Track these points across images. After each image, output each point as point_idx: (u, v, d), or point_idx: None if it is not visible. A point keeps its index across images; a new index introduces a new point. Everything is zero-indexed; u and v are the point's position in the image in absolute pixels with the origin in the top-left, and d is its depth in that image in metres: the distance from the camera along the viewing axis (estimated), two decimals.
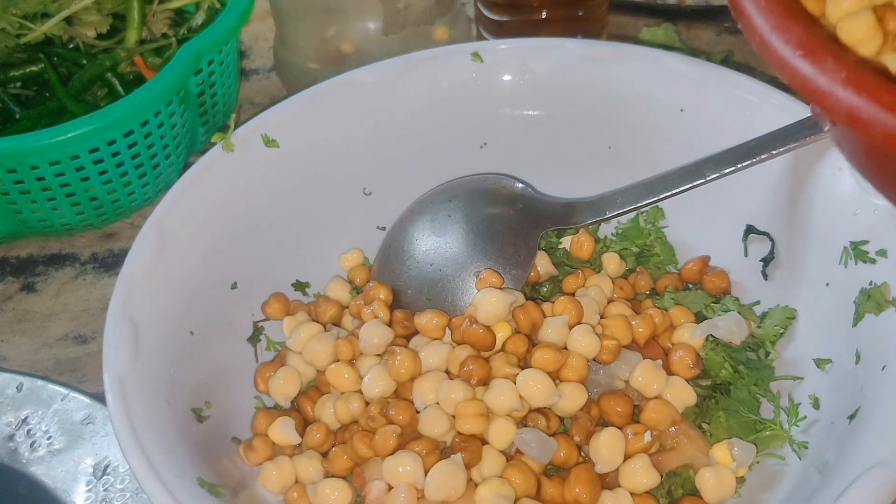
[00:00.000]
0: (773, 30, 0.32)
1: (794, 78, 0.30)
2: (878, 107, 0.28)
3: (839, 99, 0.29)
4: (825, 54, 0.30)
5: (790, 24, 0.31)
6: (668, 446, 0.46)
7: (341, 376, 0.48)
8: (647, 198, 0.52)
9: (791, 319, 0.50)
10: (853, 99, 0.28)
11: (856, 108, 0.28)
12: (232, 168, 0.52)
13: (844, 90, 0.29)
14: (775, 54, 0.31)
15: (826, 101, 0.29)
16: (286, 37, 0.72)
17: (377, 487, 0.44)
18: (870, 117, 0.28)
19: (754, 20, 0.32)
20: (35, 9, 0.67)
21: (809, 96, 0.30)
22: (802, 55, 0.30)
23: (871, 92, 0.28)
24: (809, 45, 0.30)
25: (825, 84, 0.29)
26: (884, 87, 0.28)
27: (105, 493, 0.50)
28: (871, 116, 0.28)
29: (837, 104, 0.29)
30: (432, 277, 0.53)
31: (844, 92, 0.29)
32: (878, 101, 0.28)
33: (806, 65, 0.30)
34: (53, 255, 0.68)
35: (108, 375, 0.42)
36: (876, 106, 0.28)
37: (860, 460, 0.37)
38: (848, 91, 0.28)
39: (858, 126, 0.28)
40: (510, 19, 0.68)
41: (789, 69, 0.31)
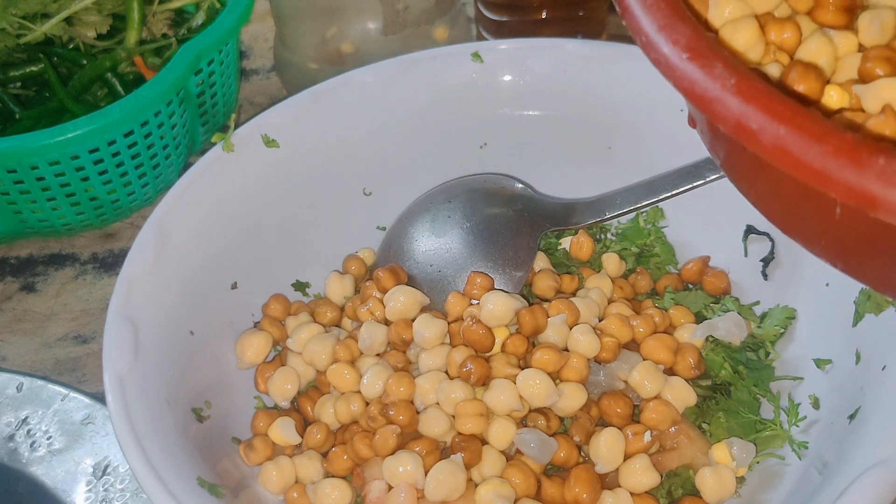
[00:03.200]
0: (659, 30, 0.30)
1: (680, 82, 0.29)
2: (768, 117, 0.26)
3: (728, 107, 0.27)
4: (714, 58, 0.28)
5: (678, 24, 0.30)
6: (668, 446, 0.46)
7: (341, 376, 0.48)
8: (647, 198, 0.52)
9: (791, 319, 0.50)
10: (742, 107, 0.27)
11: (745, 116, 0.26)
12: (232, 168, 0.52)
13: (734, 98, 0.27)
14: (662, 56, 0.30)
15: (714, 108, 0.27)
16: (286, 37, 0.72)
17: (377, 487, 0.45)
18: (759, 127, 0.26)
19: (639, 19, 0.31)
20: (35, 9, 0.67)
21: (696, 102, 0.28)
22: (690, 58, 0.28)
23: (761, 101, 0.26)
24: (698, 47, 0.29)
25: (714, 90, 0.27)
26: (775, 96, 0.26)
27: (105, 493, 0.50)
28: (760, 126, 0.26)
29: (726, 112, 0.27)
30: (432, 278, 0.53)
31: (734, 100, 0.27)
32: (768, 111, 0.26)
33: (694, 69, 0.28)
34: (53, 255, 0.68)
35: (108, 375, 0.42)
36: (766, 116, 0.26)
37: (860, 460, 0.37)
38: (737, 99, 0.27)
39: (746, 136, 0.26)
40: (510, 19, 0.68)
41: (676, 72, 0.29)
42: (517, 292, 0.51)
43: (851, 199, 0.25)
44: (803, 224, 0.32)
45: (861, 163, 0.24)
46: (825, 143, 0.25)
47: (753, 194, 0.35)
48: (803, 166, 0.25)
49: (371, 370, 0.48)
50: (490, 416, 0.45)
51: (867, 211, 0.24)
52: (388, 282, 0.51)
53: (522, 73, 0.56)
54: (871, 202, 0.24)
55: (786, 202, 0.32)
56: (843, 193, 0.25)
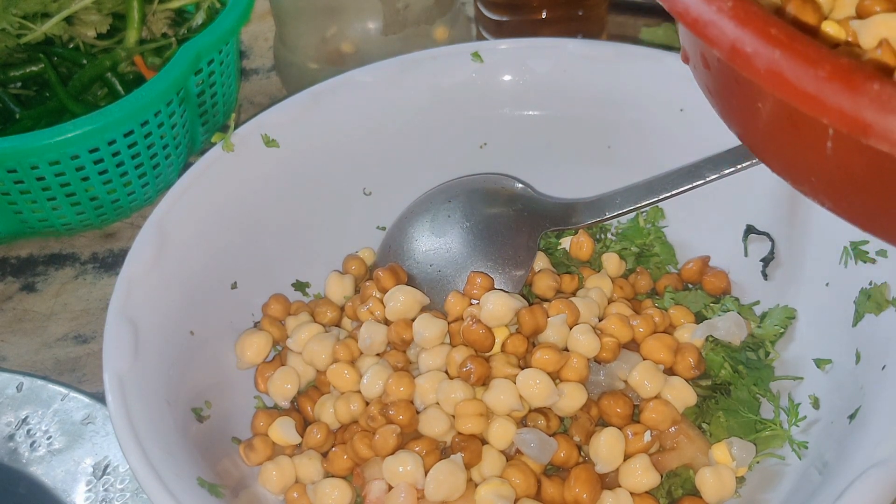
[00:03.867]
0: None
1: (674, 5, 0.28)
2: (763, 41, 0.26)
3: (723, 30, 0.27)
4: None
5: None
6: (668, 446, 0.46)
7: (341, 376, 0.48)
8: (646, 198, 0.52)
9: (791, 319, 0.50)
10: (737, 31, 0.26)
11: (739, 40, 0.26)
12: (232, 168, 0.52)
13: (728, 21, 0.27)
14: None
15: (708, 31, 0.27)
16: (286, 37, 0.72)
17: (377, 487, 0.45)
18: (754, 51, 0.26)
19: None
20: (35, 9, 0.67)
21: (691, 26, 0.28)
22: None
23: (757, 25, 0.26)
24: None
25: (708, 14, 0.27)
26: (770, 20, 0.26)
27: (105, 493, 0.50)
28: (755, 50, 0.26)
29: (721, 36, 0.27)
30: (432, 278, 0.53)
31: (729, 23, 0.26)
32: (763, 35, 0.26)
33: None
34: (53, 255, 0.68)
35: (108, 375, 0.42)
36: (761, 40, 0.26)
37: (860, 460, 0.37)
38: (732, 22, 0.26)
39: (740, 61, 0.26)
40: (510, 19, 0.68)
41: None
42: (517, 292, 0.51)
43: (845, 125, 0.24)
44: (794, 160, 0.32)
45: (855, 88, 0.24)
46: (820, 68, 0.25)
47: (744, 130, 0.35)
48: (797, 91, 0.25)
49: (371, 370, 0.48)
50: (490, 416, 0.45)
51: (860, 137, 0.24)
52: (388, 282, 0.51)
53: (522, 73, 0.56)
54: (865, 128, 0.24)
55: (777, 137, 0.32)
56: (837, 119, 0.24)
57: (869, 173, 0.27)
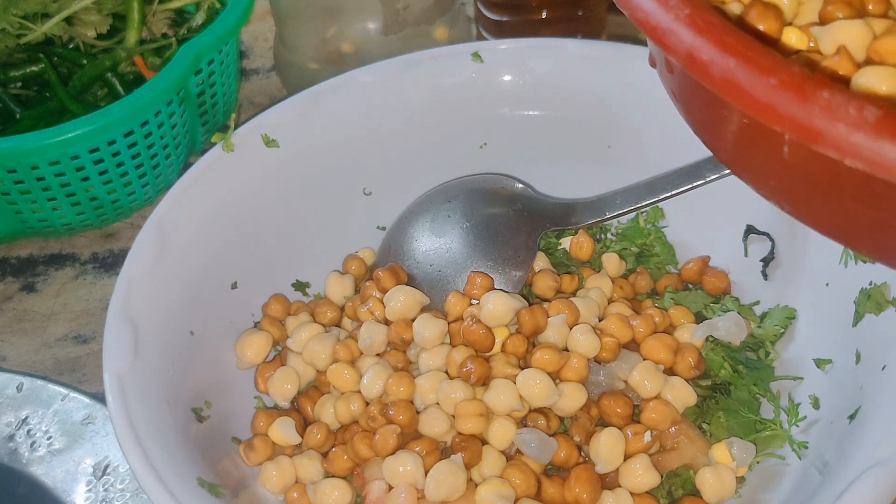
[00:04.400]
0: None
1: (635, 12, 0.29)
2: (718, 49, 0.26)
3: (680, 38, 0.27)
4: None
5: None
6: (668, 446, 0.46)
7: (341, 376, 0.48)
8: (647, 198, 0.52)
9: (791, 319, 0.50)
10: (694, 39, 0.27)
11: (696, 48, 0.27)
12: (232, 168, 0.52)
13: (686, 30, 0.27)
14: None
15: (666, 39, 0.28)
16: (286, 37, 0.72)
17: (377, 487, 0.45)
18: (710, 59, 0.26)
19: None
20: (35, 9, 0.67)
21: (650, 33, 0.28)
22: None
23: (713, 33, 0.27)
24: None
25: (667, 21, 0.28)
26: (727, 29, 0.27)
27: (105, 493, 0.50)
28: (710, 59, 0.26)
29: (678, 44, 0.27)
30: (432, 278, 0.53)
31: (686, 31, 0.27)
32: (719, 44, 0.26)
33: None
34: (53, 255, 0.68)
35: (108, 375, 0.42)
36: (717, 49, 0.26)
37: (860, 460, 0.37)
38: (690, 31, 0.27)
39: (697, 69, 0.27)
40: (510, 19, 0.68)
41: (632, 3, 0.29)
42: (517, 292, 0.51)
43: (796, 132, 0.25)
44: (753, 164, 0.33)
45: (806, 96, 0.25)
46: (772, 76, 0.25)
47: (706, 135, 0.35)
48: (751, 99, 0.26)
49: (371, 370, 0.48)
50: (490, 416, 0.45)
51: (810, 144, 0.25)
52: (388, 282, 0.51)
53: (522, 73, 0.56)
54: (814, 136, 0.24)
55: (737, 141, 0.33)
56: (788, 127, 0.25)
57: (823, 178, 0.27)
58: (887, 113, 0.24)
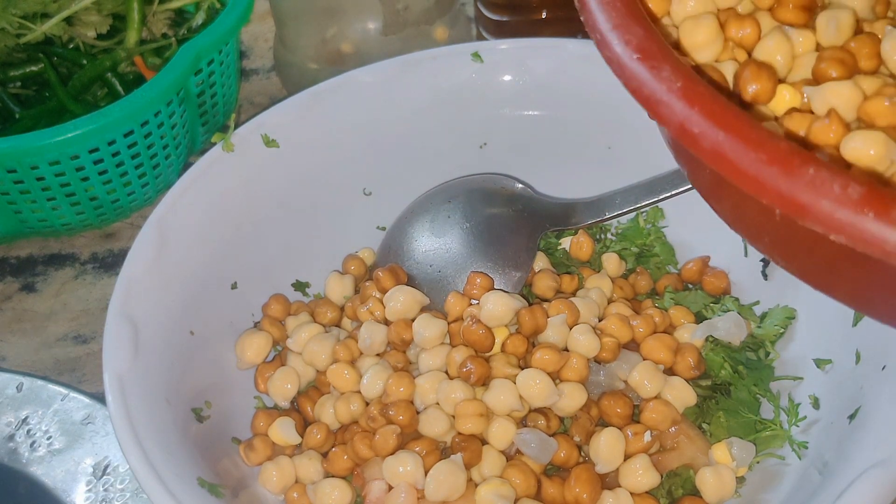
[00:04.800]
0: (613, 29, 0.31)
1: (629, 82, 0.30)
2: (709, 122, 0.27)
3: (672, 109, 0.28)
4: (663, 60, 0.29)
5: (631, 24, 0.31)
6: (668, 446, 0.46)
7: (341, 376, 0.48)
8: (646, 198, 0.52)
9: (791, 319, 0.50)
10: (685, 111, 0.28)
11: (687, 120, 0.27)
12: (232, 168, 0.52)
13: (678, 101, 0.28)
14: (613, 54, 0.31)
15: (659, 109, 0.28)
16: (286, 37, 0.72)
17: (377, 487, 0.45)
18: (700, 131, 0.27)
19: (595, 16, 0.32)
20: (35, 9, 0.67)
21: (643, 102, 0.29)
22: (640, 59, 0.30)
23: (704, 105, 0.27)
24: (649, 48, 0.30)
25: (660, 92, 0.28)
26: (717, 101, 0.27)
27: (105, 493, 0.50)
28: (701, 131, 0.27)
29: (670, 115, 0.28)
30: (432, 278, 0.53)
31: (678, 103, 0.28)
32: (710, 116, 0.27)
33: (643, 69, 0.29)
34: (53, 255, 0.68)
35: (108, 375, 0.42)
36: (707, 121, 0.27)
37: (860, 460, 0.37)
38: (681, 103, 0.28)
39: (688, 139, 0.28)
40: (510, 19, 0.68)
41: (626, 72, 0.30)
42: (517, 292, 0.51)
43: (782, 206, 0.25)
44: (747, 221, 0.33)
45: (792, 172, 0.25)
46: (760, 151, 0.26)
47: (702, 189, 0.36)
48: (738, 172, 0.26)
49: (371, 370, 0.48)
50: (490, 416, 0.45)
51: (797, 218, 0.25)
52: (387, 282, 0.51)
53: (522, 73, 0.56)
54: (800, 210, 0.25)
55: (731, 200, 0.33)
56: (775, 200, 0.26)
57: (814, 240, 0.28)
58: (870, 190, 0.24)
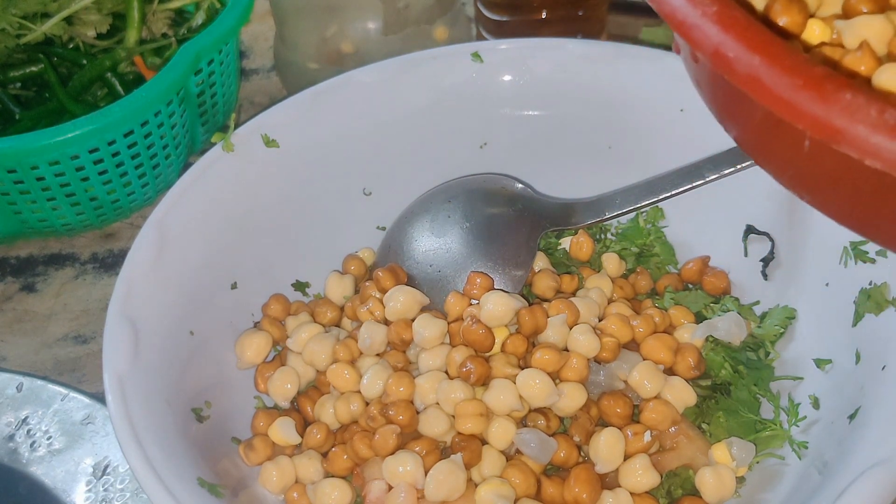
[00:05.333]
0: None
1: (662, 6, 0.29)
2: (744, 47, 0.27)
3: (706, 34, 0.28)
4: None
5: None
6: (668, 446, 0.46)
7: (341, 376, 0.48)
8: (646, 198, 0.52)
9: (791, 319, 0.50)
10: (720, 36, 0.27)
11: (722, 44, 0.27)
12: (232, 168, 0.52)
13: (713, 26, 0.28)
14: None
15: (693, 34, 0.28)
16: (286, 37, 0.72)
17: (377, 487, 0.44)
18: (735, 56, 0.27)
19: None
20: (35, 9, 0.67)
21: (677, 28, 0.29)
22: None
23: (739, 30, 0.27)
24: None
25: (694, 17, 0.28)
26: (753, 26, 0.27)
27: (105, 493, 0.50)
28: (736, 55, 0.27)
29: (704, 40, 0.28)
30: (432, 278, 0.53)
31: (712, 27, 0.28)
32: (744, 41, 0.27)
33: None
34: (53, 255, 0.68)
35: (108, 375, 0.42)
36: (742, 46, 0.27)
37: (860, 460, 0.37)
38: (716, 28, 0.28)
39: (722, 65, 0.27)
40: (510, 19, 0.68)
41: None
42: (517, 292, 0.51)
43: (817, 131, 0.25)
44: (774, 153, 0.33)
45: (828, 97, 0.25)
46: (796, 76, 0.26)
47: (728, 122, 0.36)
48: (773, 97, 0.26)
49: (371, 370, 0.48)
50: (490, 416, 0.45)
51: (831, 144, 0.25)
52: (387, 282, 0.51)
53: (522, 73, 0.56)
54: (836, 135, 0.25)
55: (758, 132, 0.33)
56: (810, 126, 0.25)
57: (842, 171, 0.28)
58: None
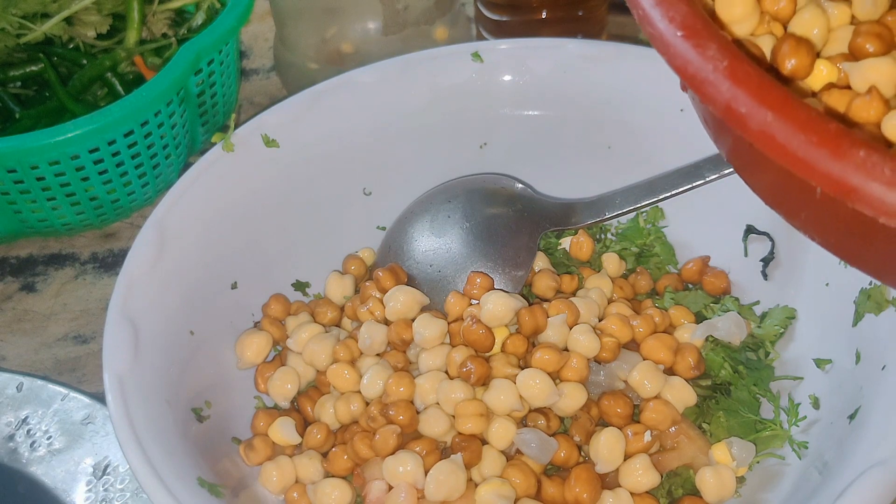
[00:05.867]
0: (656, 4, 0.30)
1: (673, 60, 0.29)
2: (756, 102, 0.27)
3: (718, 89, 0.28)
4: (709, 39, 0.29)
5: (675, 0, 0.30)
6: (668, 446, 0.46)
7: (341, 376, 0.48)
8: (646, 198, 0.52)
9: (791, 319, 0.50)
10: (732, 91, 0.27)
11: (734, 100, 0.27)
12: (232, 168, 0.52)
13: (725, 80, 0.27)
14: (657, 31, 0.30)
15: (705, 89, 0.28)
16: (286, 37, 0.72)
17: (377, 487, 0.45)
18: (748, 112, 0.27)
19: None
20: (35, 9, 0.67)
21: (689, 81, 0.29)
22: (685, 36, 0.29)
23: (751, 85, 0.27)
24: (693, 25, 0.29)
25: (705, 71, 0.28)
26: (765, 81, 0.27)
27: (105, 493, 0.50)
28: (749, 111, 0.27)
29: (716, 94, 0.28)
30: (432, 278, 0.53)
31: (724, 82, 0.27)
32: (757, 96, 0.27)
33: (688, 47, 0.29)
34: (53, 255, 0.68)
35: (108, 375, 0.42)
36: (754, 101, 0.27)
37: (860, 460, 0.37)
38: (728, 82, 0.27)
39: (734, 119, 0.27)
40: (510, 19, 0.68)
41: (670, 50, 0.29)
42: (517, 292, 0.51)
43: (831, 188, 0.25)
44: (786, 198, 0.33)
45: (842, 154, 0.25)
46: (810, 133, 0.26)
47: (738, 165, 0.36)
48: (787, 154, 0.26)
49: (371, 370, 0.48)
50: (490, 416, 0.45)
51: (846, 201, 0.25)
52: (387, 282, 0.51)
53: (522, 73, 0.56)
54: (850, 193, 0.25)
55: (770, 177, 0.33)
56: (824, 183, 0.25)
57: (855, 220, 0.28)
58: None
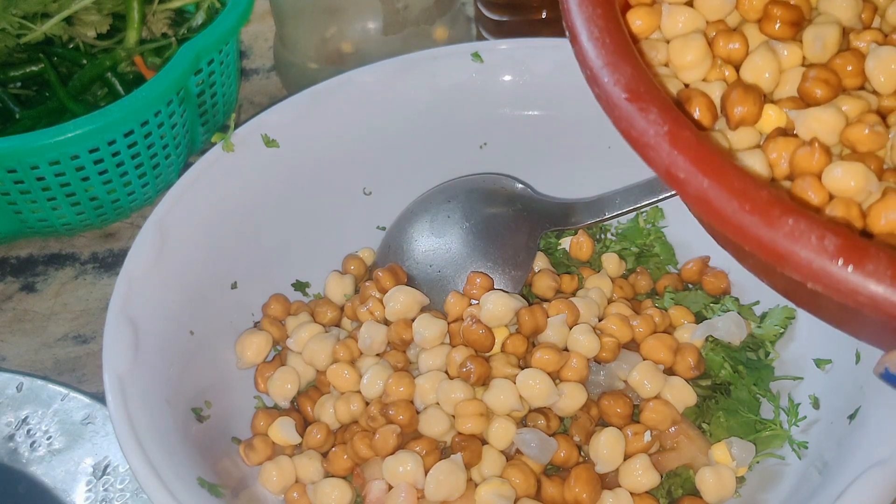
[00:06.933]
0: (604, 66, 0.31)
1: (618, 122, 0.30)
2: (694, 168, 0.28)
3: (659, 153, 0.29)
4: (651, 102, 0.30)
5: (621, 62, 0.31)
6: (668, 446, 0.46)
7: (341, 376, 0.48)
8: (646, 198, 0.52)
9: (791, 319, 0.50)
10: (671, 156, 0.28)
11: (673, 165, 0.28)
12: (232, 168, 0.52)
13: (665, 145, 0.28)
14: (603, 92, 0.31)
15: (646, 152, 0.29)
16: (286, 37, 0.72)
17: (377, 487, 0.45)
18: (686, 177, 0.28)
19: (586, 51, 0.32)
20: (35, 9, 0.67)
21: (631, 143, 0.30)
22: (629, 99, 0.30)
23: (690, 151, 0.28)
24: (637, 89, 0.30)
25: (647, 136, 0.29)
26: (703, 147, 0.28)
27: (105, 493, 0.50)
28: (686, 177, 0.28)
29: (657, 158, 0.29)
30: (432, 278, 0.53)
31: (665, 147, 0.28)
32: (695, 162, 0.28)
33: (632, 110, 0.30)
34: (53, 255, 0.68)
35: (108, 375, 0.42)
36: (693, 167, 0.28)
37: (860, 460, 0.37)
38: (668, 147, 0.28)
39: (674, 182, 0.28)
40: (510, 19, 0.68)
41: (615, 111, 0.31)
42: (517, 292, 0.51)
43: (763, 254, 0.26)
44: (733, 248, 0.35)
45: (772, 222, 0.26)
46: (743, 200, 0.27)
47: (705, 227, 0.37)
48: (721, 218, 0.27)
49: (371, 370, 0.48)
50: (490, 416, 0.45)
51: (776, 266, 0.26)
52: (387, 282, 0.51)
53: (522, 73, 0.56)
54: (779, 259, 0.26)
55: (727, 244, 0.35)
56: (757, 249, 0.26)
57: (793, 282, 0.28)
58: (846, 241, 0.25)
